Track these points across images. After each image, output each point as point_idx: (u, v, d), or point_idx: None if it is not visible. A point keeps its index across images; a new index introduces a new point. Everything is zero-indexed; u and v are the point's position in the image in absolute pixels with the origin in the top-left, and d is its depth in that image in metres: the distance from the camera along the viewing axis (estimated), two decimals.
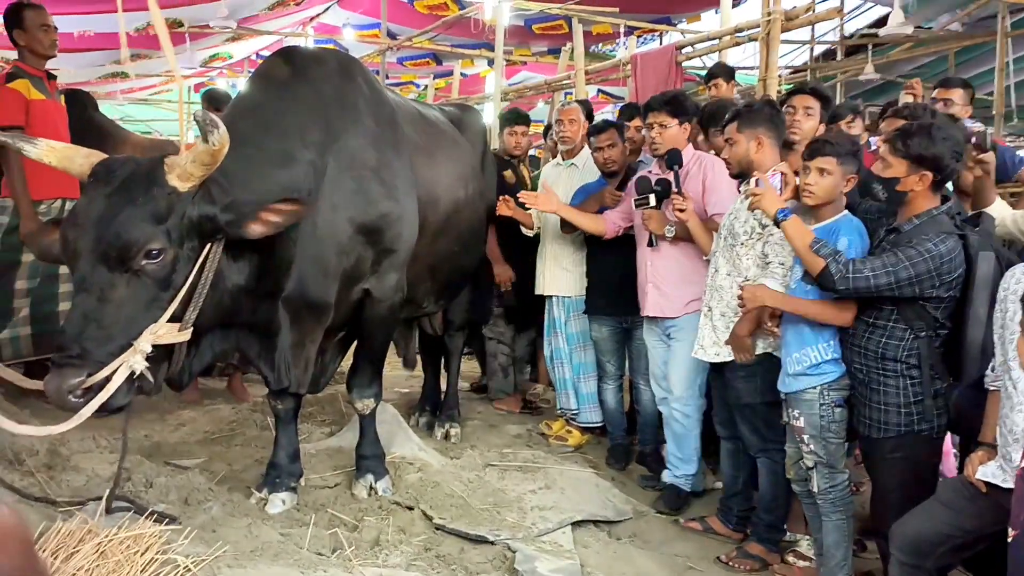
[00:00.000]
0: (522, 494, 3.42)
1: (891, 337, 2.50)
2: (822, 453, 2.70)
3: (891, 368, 2.50)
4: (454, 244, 3.80)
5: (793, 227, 2.55)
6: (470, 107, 4.94)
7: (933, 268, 2.36)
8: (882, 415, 2.52)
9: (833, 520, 2.74)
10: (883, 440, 2.54)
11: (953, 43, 9.34)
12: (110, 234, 2.26)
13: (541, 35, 10.18)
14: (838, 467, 2.72)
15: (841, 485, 2.73)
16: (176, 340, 2.41)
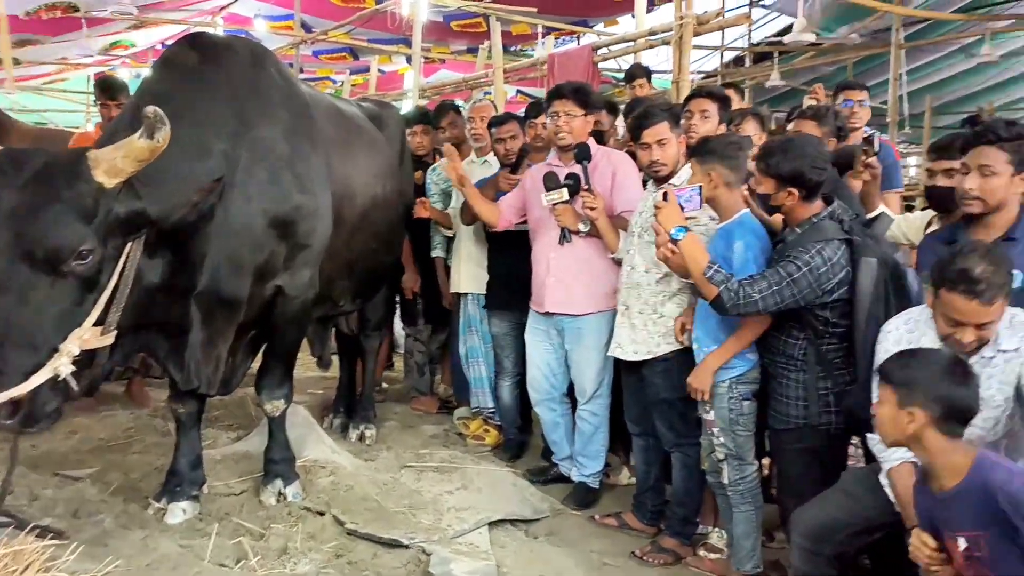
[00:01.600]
0: (438, 495, 3.36)
1: (789, 336, 2.59)
2: (731, 445, 2.76)
3: (791, 364, 2.59)
4: (371, 241, 3.71)
5: (688, 248, 2.55)
6: (388, 104, 4.85)
7: (812, 280, 2.43)
8: (784, 407, 2.60)
9: (742, 511, 2.81)
10: (785, 432, 2.62)
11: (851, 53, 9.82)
12: (37, 233, 2.10)
13: (460, 33, 10.14)
14: (747, 459, 2.79)
15: (750, 477, 2.80)
16: (101, 344, 2.28)
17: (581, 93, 3.43)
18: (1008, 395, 2.08)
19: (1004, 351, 2.06)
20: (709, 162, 2.70)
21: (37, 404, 2.11)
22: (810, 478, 2.57)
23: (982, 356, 2.07)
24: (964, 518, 1.74)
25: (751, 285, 2.45)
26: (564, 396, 3.70)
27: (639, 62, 5.61)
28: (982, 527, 1.70)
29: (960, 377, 1.85)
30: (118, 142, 2.23)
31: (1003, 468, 1.73)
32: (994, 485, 1.67)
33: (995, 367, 2.06)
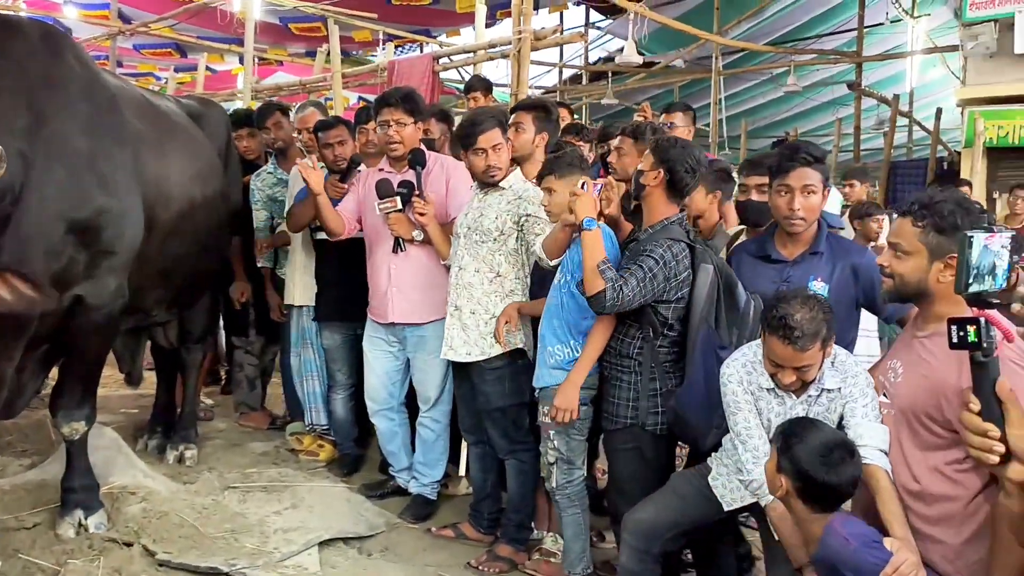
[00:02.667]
0: (264, 517, 3.18)
1: (626, 335, 2.65)
2: (564, 449, 2.80)
3: (625, 364, 2.65)
4: (190, 247, 3.45)
5: (592, 240, 2.55)
6: (211, 101, 4.56)
7: (667, 274, 2.53)
8: (615, 408, 2.66)
9: (570, 514, 2.85)
10: (615, 432, 2.68)
11: (678, 77, 10.52)
12: None
13: (299, 36, 9.84)
14: (576, 463, 2.84)
15: (577, 480, 2.85)
16: None
17: (409, 101, 3.38)
18: None
19: (828, 390, 2.16)
20: (570, 175, 2.75)
21: None
22: (639, 479, 2.64)
23: (808, 395, 2.18)
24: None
25: (626, 285, 2.49)
26: (402, 405, 3.63)
27: (479, 74, 5.66)
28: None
29: (833, 462, 1.89)
30: None
31: (839, 536, 1.80)
32: (837, 557, 1.77)
33: (820, 405, 2.18)
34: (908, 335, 2.05)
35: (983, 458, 1.27)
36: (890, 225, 4.70)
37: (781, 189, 2.51)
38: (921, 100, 11.61)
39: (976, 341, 1.31)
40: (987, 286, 1.35)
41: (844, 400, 2.13)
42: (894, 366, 2.03)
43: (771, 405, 2.22)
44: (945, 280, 1.83)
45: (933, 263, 1.88)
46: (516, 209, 2.99)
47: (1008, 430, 1.26)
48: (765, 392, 2.22)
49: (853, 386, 2.13)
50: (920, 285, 1.92)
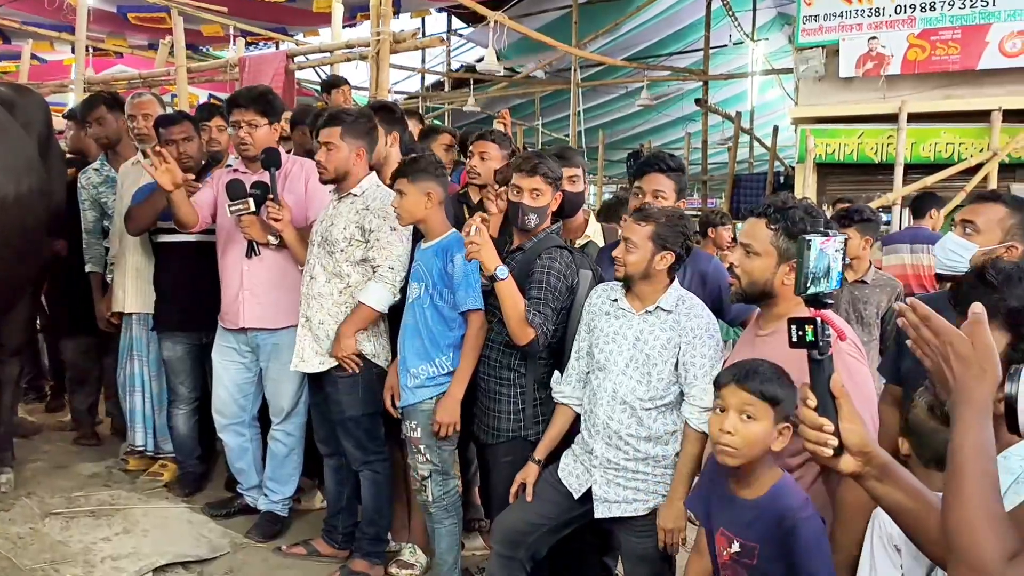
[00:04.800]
0: (91, 544, 2.92)
1: (505, 347, 2.62)
2: (437, 461, 2.75)
3: (505, 377, 2.63)
4: (2, 249, 3.10)
5: (509, 288, 2.48)
6: (27, 89, 4.13)
7: (565, 284, 2.55)
8: (497, 422, 2.63)
9: (445, 525, 2.80)
10: (496, 445, 2.65)
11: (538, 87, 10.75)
12: None
13: (139, 26, 9.18)
14: (450, 474, 2.80)
15: (452, 491, 2.82)
16: None
17: (261, 101, 3.23)
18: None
19: (664, 310, 2.29)
20: (423, 180, 2.68)
21: None
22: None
23: (646, 311, 2.31)
24: (749, 526, 1.81)
25: (540, 315, 2.46)
26: (254, 419, 3.45)
27: (336, 74, 5.52)
28: (759, 540, 1.79)
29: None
30: None
31: (801, 497, 1.80)
32: (788, 510, 1.75)
33: (654, 327, 2.30)
34: (750, 334, 2.15)
35: (818, 451, 1.33)
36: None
37: (636, 191, 2.65)
38: (761, 118, 12.48)
39: (813, 340, 1.37)
40: (823, 287, 1.43)
41: (681, 341, 2.24)
42: None
43: (611, 323, 2.34)
44: (789, 282, 1.93)
45: (780, 265, 1.99)
46: (362, 220, 2.90)
47: (841, 424, 1.33)
48: (603, 315, 2.37)
49: (694, 336, 2.24)
50: (767, 286, 2.01)
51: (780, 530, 1.74)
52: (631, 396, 2.28)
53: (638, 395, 2.28)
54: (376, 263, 2.88)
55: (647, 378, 2.27)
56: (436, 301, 2.71)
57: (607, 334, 2.35)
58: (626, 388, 2.29)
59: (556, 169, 2.67)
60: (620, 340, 2.32)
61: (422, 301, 2.73)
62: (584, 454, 2.38)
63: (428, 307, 2.71)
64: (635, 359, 2.29)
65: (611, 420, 2.30)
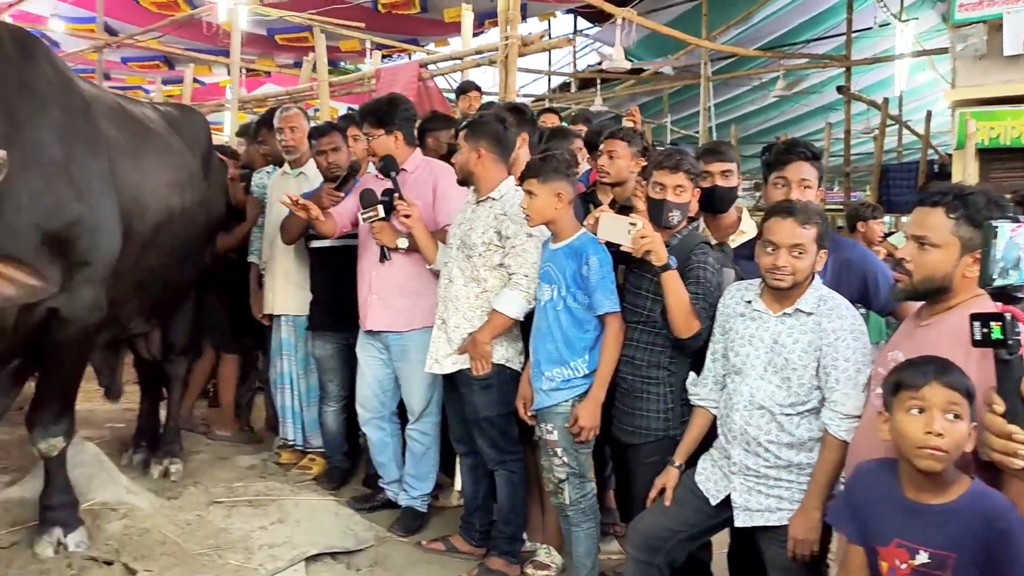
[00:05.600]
0: (250, 532, 3.10)
1: (653, 344, 2.59)
2: (574, 464, 2.72)
3: (654, 376, 2.59)
4: (168, 257, 3.39)
5: (675, 281, 2.42)
6: (191, 108, 4.50)
7: (716, 279, 2.50)
8: (645, 421, 2.59)
9: (584, 529, 2.77)
10: (642, 446, 2.61)
11: (666, 84, 10.51)
12: None
13: (285, 46, 9.80)
14: (587, 476, 2.77)
15: (590, 494, 2.78)
16: None
17: (377, 113, 3.37)
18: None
19: (804, 312, 2.17)
20: (554, 180, 2.68)
21: None
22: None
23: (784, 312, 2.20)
24: (941, 534, 1.66)
25: (704, 310, 2.43)
26: (394, 415, 3.56)
27: (469, 79, 5.64)
28: (955, 548, 1.64)
29: None
30: None
31: (1005, 498, 1.64)
32: (997, 511, 1.60)
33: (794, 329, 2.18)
34: (910, 325, 1.99)
35: (1005, 462, 1.19)
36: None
37: (778, 182, 2.51)
38: (911, 104, 11.63)
39: (1001, 338, 1.24)
40: (1012, 280, 1.28)
41: (822, 343, 2.12)
42: (895, 357, 1.99)
43: (746, 325, 2.25)
44: (971, 274, 1.75)
45: (962, 257, 1.80)
46: (499, 225, 2.92)
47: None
48: (738, 316, 2.27)
49: (836, 339, 2.11)
50: (945, 280, 1.83)
51: (987, 535, 1.59)
52: (769, 401, 2.18)
53: (777, 400, 2.18)
54: (511, 270, 2.90)
55: (786, 383, 2.17)
56: (570, 304, 2.69)
57: (743, 337, 2.26)
58: (764, 393, 2.19)
59: (697, 165, 2.62)
60: (756, 343, 2.23)
61: (555, 304, 2.71)
62: (722, 459, 2.30)
63: (562, 310, 2.69)
64: (773, 363, 2.19)
65: (748, 425, 2.21)
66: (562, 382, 2.70)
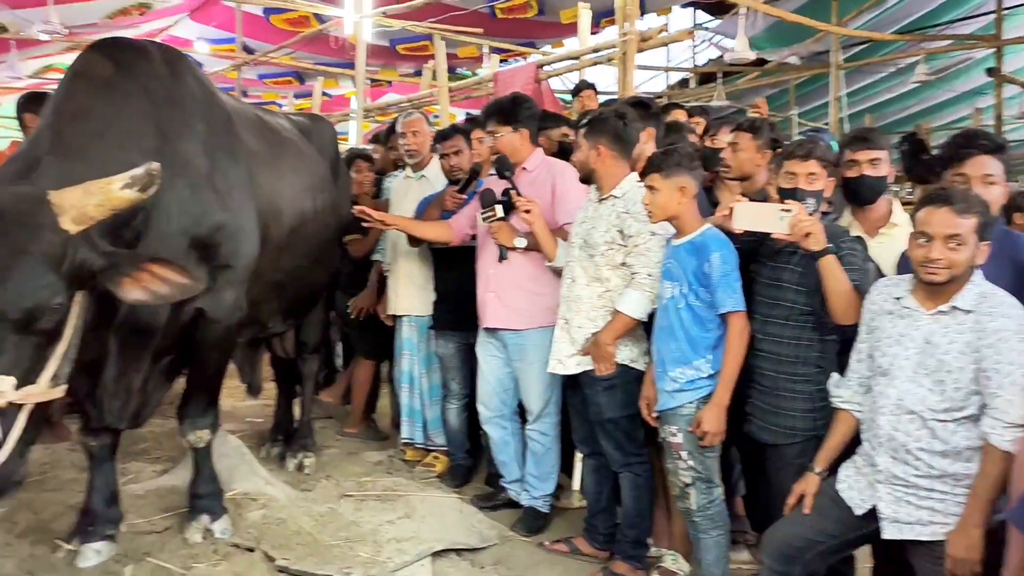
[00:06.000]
0: (378, 526, 3.18)
1: (802, 340, 2.48)
2: (700, 468, 2.63)
3: (802, 373, 2.48)
4: (302, 260, 3.54)
5: (834, 266, 2.32)
6: (321, 117, 4.71)
7: (868, 267, 2.39)
8: (790, 421, 2.48)
9: (712, 536, 2.67)
10: (787, 447, 2.50)
11: (793, 74, 10.03)
12: (10, 292, 1.89)
13: (407, 56, 10.09)
14: (715, 481, 2.67)
15: (717, 500, 2.68)
16: (52, 398, 2.07)
17: (502, 111, 3.39)
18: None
19: (961, 310, 2.03)
20: (676, 174, 2.61)
21: (4, 475, 1.92)
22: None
23: (939, 310, 2.06)
24: None
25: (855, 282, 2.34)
26: (515, 414, 3.57)
27: (585, 78, 5.60)
28: None
29: None
30: (87, 186, 2.03)
31: None
32: None
33: (950, 328, 2.04)
34: None
35: None
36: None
37: (956, 179, 2.31)
38: None
39: None
40: None
41: (982, 344, 1.95)
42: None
43: (895, 324, 2.10)
44: None
45: None
46: (621, 223, 2.87)
47: None
48: (886, 314, 2.13)
49: (999, 339, 1.93)
50: None
51: None
52: (920, 406, 2.02)
53: (929, 405, 2.01)
54: (634, 269, 2.84)
55: (940, 387, 2.00)
56: (691, 302, 2.60)
57: (891, 336, 2.11)
58: (914, 397, 2.03)
59: (830, 153, 2.50)
60: (906, 343, 2.07)
61: (676, 302, 2.63)
62: (867, 467, 2.16)
63: (683, 308, 2.61)
64: (924, 365, 2.03)
65: (896, 431, 2.06)
66: (686, 383, 2.62)
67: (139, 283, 2.18)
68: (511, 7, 8.74)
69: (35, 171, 2.30)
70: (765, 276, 2.58)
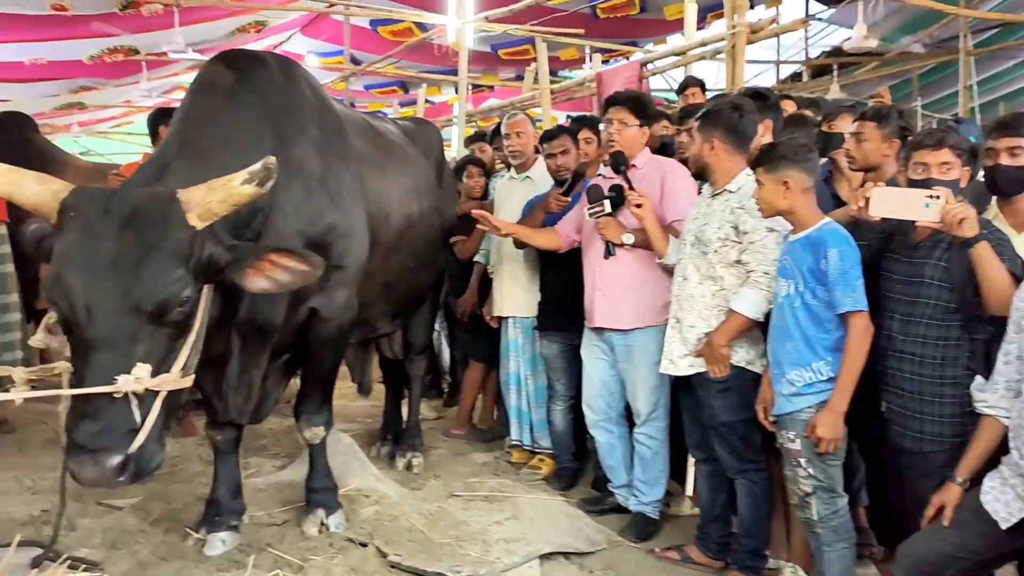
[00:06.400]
0: (487, 526, 3.19)
1: (948, 340, 2.32)
2: (821, 477, 2.49)
3: (951, 376, 2.32)
4: (409, 260, 3.61)
5: (990, 253, 2.17)
6: (425, 120, 4.80)
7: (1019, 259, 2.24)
8: (937, 427, 2.33)
9: (836, 549, 2.51)
10: (935, 454, 2.34)
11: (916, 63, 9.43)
12: (144, 285, 2.01)
13: (508, 61, 10.15)
14: (838, 491, 2.52)
15: (842, 510, 2.53)
16: (182, 386, 2.18)
17: (637, 102, 3.35)
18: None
19: None
20: (782, 168, 2.50)
21: (143, 459, 2.02)
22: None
23: None
24: None
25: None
26: (622, 417, 3.50)
27: (692, 75, 5.45)
28: None
29: None
30: (211, 184, 2.15)
31: None
32: None
33: None
34: None
35: None
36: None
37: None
38: None
39: None
40: None
41: None
42: None
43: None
44: None
45: None
46: (736, 219, 2.77)
47: None
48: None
49: None
50: None
51: None
52: None
53: None
54: (750, 267, 2.72)
55: None
56: (808, 300, 2.46)
57: None
58: None
59: (964, 141, 2.33)
60: None
61: (792, 300, 2.50)
62: (1015, 477, 2.00)
63: (799, 307, 2.48)
64: None
65: None
66: (804, 386, 2.48)
67: (262, 272, 2.27)
68: (613, 6, 8.65)
69: (165, 174, 2.44)
70: (902, 273, 2.42)
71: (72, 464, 1.95)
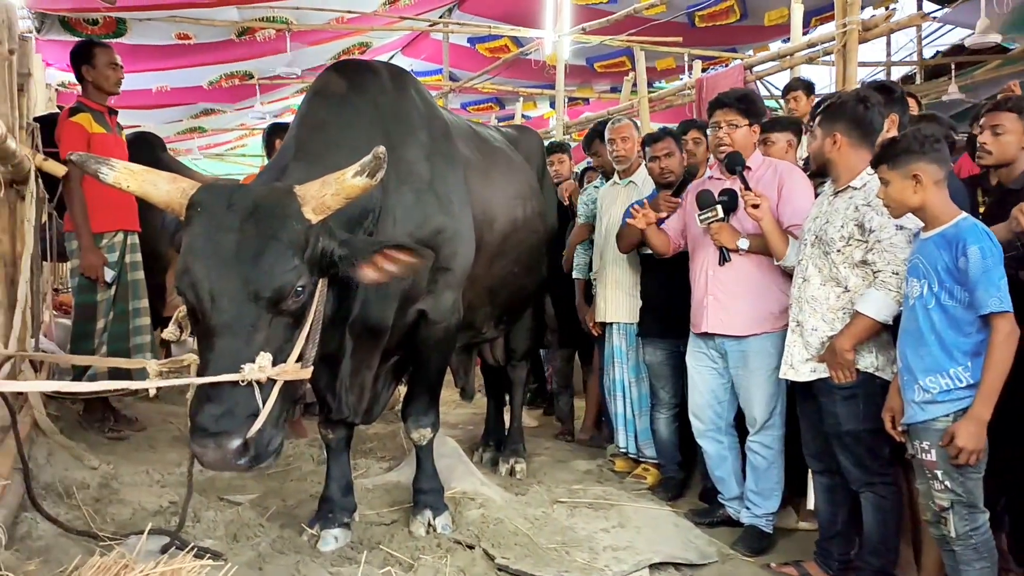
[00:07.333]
0: (593, 533, 3.13)
1: None
2: (960, 490, 2.31)
3: None
4: (513, 265, 3.62)
5: None
6: (527, 128, 4.85)
7: None
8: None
9: (976, 568, 2.33)
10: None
11: None
12: (263, 274, 2.10)
13: (603, 73, 10.13)
14: (979, 506, 2.33)
15: (983, 528, 2.34)
16: (301, 377, 2.25)
17: (745, 101, 3.27)
18: None
19: None
20: (907, 162, 2.36)
21: (262, 443, 2.09)
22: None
23: None
24: None
25: None
26: (731, 426, 3.38)
27: (798, 76, 5.26)
28: None
29: None
30: (325, 179, 2.23)
31: None
32: None
33: None
34: None
35: None
36: None
37: None
38: None
39: None
40: None
41: None
42: None
43: None
44: None
45: None
46: (861, 217, 2.64)
47: None
48: None
49: None
50: None
51: None
52: None
53: None
54: (877, 267, 2.59)
55: None
56: (944, 301, 2.30)
57: None
58: None
59: None
60: None
61: (925, 301, 2.34)
62: None
63: (934, 308, 2.32)
64: None
65: None
66: (939, 393, 2.32)
67: (374, 265, 2.33)
68: (711, 14, 8.49)
69: (284, 175, 2.55)
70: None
71: (195, 446, 2.02)
